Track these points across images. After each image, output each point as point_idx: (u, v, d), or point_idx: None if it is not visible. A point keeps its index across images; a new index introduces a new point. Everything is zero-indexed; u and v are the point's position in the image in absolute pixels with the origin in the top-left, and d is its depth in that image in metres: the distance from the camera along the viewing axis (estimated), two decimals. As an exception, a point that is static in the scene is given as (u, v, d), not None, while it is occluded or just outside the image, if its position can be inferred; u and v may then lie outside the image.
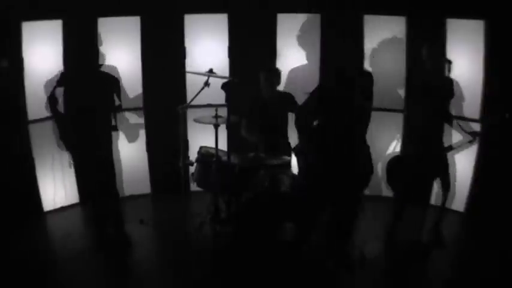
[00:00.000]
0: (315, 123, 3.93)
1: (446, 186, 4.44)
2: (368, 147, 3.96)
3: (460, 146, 4.48)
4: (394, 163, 4.71)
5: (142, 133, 5.43)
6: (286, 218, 4.33)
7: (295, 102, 4.80)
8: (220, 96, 4.99)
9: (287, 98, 4.84)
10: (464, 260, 4.33)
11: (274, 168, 4.37)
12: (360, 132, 3.91)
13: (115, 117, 4.41)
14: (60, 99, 4.31)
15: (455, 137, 4.86)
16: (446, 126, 4.51)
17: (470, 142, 4.46)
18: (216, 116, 4.31)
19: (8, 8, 4.45)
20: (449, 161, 4.57)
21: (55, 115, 4.39)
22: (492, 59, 4.70)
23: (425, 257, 4.32)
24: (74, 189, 5.23)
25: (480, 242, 4.55)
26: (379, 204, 5.24)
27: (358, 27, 5.15)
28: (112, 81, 4.41)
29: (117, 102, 4.44)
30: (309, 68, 5.31)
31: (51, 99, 4.29)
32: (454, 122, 4.50)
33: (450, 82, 4.37)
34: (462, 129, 4.47)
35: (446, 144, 4.50)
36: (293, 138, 4.92)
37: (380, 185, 5.43)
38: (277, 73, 4.81)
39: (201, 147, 4.70)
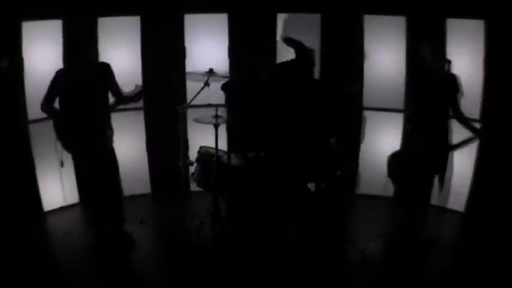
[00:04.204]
0: None
1: (440, 186, 4.43)
2: None
3: (463, 144, 4.45)
4: (395, 157, 4.70)
5: (142, 132, 5.44)
6: (285, 217, 4.34)
7: None
8: (220, 96, 5.00)
9: None
10: (463, 260, 4.33)
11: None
12: None
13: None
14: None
15: (457, 136, 4.86)
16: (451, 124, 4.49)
17: (472, 140, 4.40)
18: (216, 116, 4.31)
19: (8, 8, 4.45)
20: (450, 161, 4.57)
21: (52, 117, 4.38)
22: (492, 59, 4.71)
23: (424, 256, 4.32)
24: (74, 189, 5.23)
25: (480, 242, 4.55)
26: (379, 204, 5.25)
27: (358, 27, 5.16)
28: (104, 69, 4.40)
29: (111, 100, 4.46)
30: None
31: (45, 109, 4.30)
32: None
33: (454, 78, 4.34)
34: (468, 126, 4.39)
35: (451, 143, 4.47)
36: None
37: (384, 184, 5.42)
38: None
39: (201, 147, 4.70)
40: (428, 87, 4.25)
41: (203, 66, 4.50)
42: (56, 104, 4.30)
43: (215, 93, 4.73)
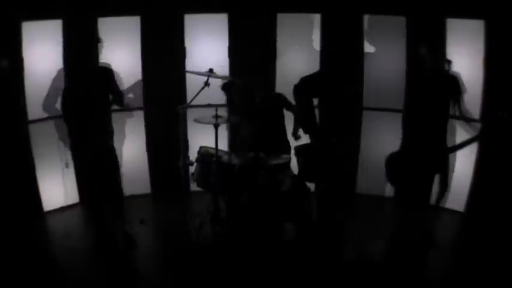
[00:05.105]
0: None
1: (444, 186, 4.43)
2: None
3: (464, 145, 4.45)
4: (393, 158, 4.70)
5: (142, 133, 5.45)
6: (285, 217, 4.35)
7: (286, 100, 4.77)
8: (220, 97, 5.01)
9: (278, 100, 4.80)
10: (463, 260, 4.33)
11: (274, 168, 4.37)
12: None
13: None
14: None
15: (459, 136, 4.87)
16: (449, 125, 4.49)
17: (473, 140, 4.40)
18: (216, 116, 4.31)
19: (8, 8, 4.45)
20: (451, 161, 4.56)
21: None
22: (492, 59, 4.71)
23: (423, 257, 4.33)
24: (74, 189, 5.23)
25: (480, 242, 4.55)
26: (379, 204, 5.26)
27: (359, 27, 5.16)
28: (105, 73, 4.42)
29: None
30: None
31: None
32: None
33: (455, 79, 4.34)
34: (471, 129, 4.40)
35: (450, 144, 4.47)
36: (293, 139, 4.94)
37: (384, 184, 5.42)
38: (246, 90, 4.72)
39: (201, 147, 4.70)
40: (429, 87, 4.25)
41: (203, 66, 4.51)
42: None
43: (215, 93, 4.74)
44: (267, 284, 3.89)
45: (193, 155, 4.76)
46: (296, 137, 4.85)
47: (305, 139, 4.79)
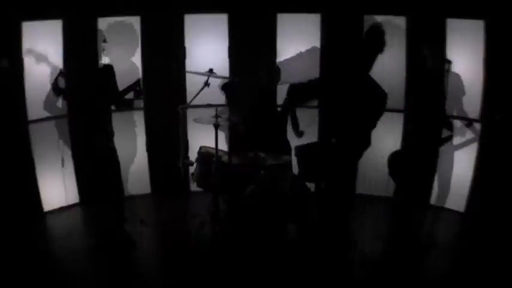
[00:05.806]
0: None
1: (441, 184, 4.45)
2: None
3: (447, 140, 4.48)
4: (396, 157, 4.71)
5: (142, 133, 5.45)
6: (285, 217, 4.35)
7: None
8: (220, 97, 5.01)
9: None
10: (463, 260, 4.33)
11: (274, 168, 4.37)
12: None
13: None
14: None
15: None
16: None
17: (468, 126, 4.42)
18: (216, 116, 4.31)
19: (8, 8, 4.45)
20: (451, 161, 4.57)
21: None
22: (492, 59, 4.71)
23: (423, 256, 4.33)
24: (74, 189, 5.23)
25: (480, 242, 4.55)
26: (378, 204, 5.26)
27: (359, 27, 5.16)
28: (107, 70, 4.44)
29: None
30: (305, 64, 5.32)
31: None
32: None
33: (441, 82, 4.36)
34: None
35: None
36: (294, 138, 4.94)
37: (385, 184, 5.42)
38: (277, 71, 4.81)
39: (201, 147, 4.70)
40: (423, 88, 4.27)
41: (203, 66, 4.50)
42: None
43: (215, 93, 4.74)
44: (267, 284, 3.89)
45: (193, 155, 4.76)
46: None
47: (305, 139, 4.80)
